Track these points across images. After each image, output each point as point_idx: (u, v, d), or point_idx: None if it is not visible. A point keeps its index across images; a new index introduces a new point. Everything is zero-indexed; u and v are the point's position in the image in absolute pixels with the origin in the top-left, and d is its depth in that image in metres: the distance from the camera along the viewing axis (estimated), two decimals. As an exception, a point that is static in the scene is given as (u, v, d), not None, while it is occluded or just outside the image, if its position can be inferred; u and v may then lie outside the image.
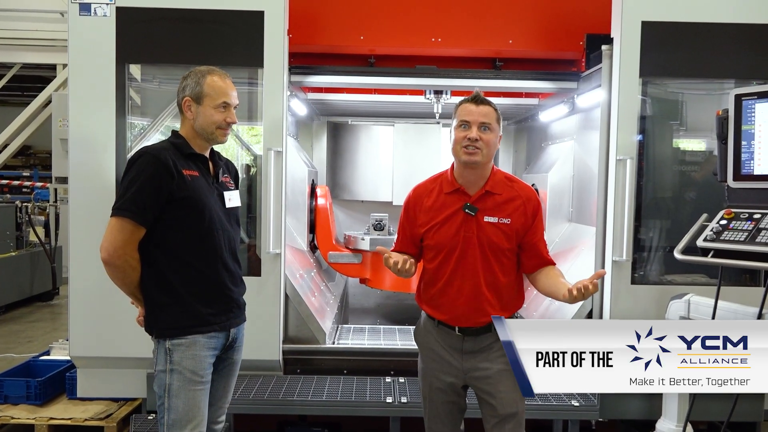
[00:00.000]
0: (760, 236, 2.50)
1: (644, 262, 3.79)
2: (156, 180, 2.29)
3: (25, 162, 13.99)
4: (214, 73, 2.44)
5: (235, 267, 2.53)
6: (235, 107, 2.48)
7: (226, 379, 2.59)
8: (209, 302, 2.42)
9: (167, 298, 2.37)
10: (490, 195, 2.46)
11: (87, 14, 3.62)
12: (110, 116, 3.65)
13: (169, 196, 2.31)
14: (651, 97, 3.74)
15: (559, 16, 4.29)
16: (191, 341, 2.36)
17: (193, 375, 2.35)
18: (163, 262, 2.37)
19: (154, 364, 2.41)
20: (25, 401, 3.98)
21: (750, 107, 2.68)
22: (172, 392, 2.34)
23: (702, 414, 3.62)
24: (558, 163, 4.92)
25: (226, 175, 2.60)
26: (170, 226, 2.35)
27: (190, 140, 2.45)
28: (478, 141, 2.38)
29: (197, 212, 2.37)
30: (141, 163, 2.32)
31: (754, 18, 3.61)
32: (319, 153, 6.10)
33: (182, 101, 2.44)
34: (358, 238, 4.78)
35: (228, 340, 2.51)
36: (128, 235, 2.30)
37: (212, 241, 2.41)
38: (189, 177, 2.37)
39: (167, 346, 2.36)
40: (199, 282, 2.40)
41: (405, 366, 3.90)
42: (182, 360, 2.35)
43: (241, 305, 2.58)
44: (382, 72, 4.34)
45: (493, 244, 2.42)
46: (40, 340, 6.33)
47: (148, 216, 2.30)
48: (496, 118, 2.44)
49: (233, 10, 3.62)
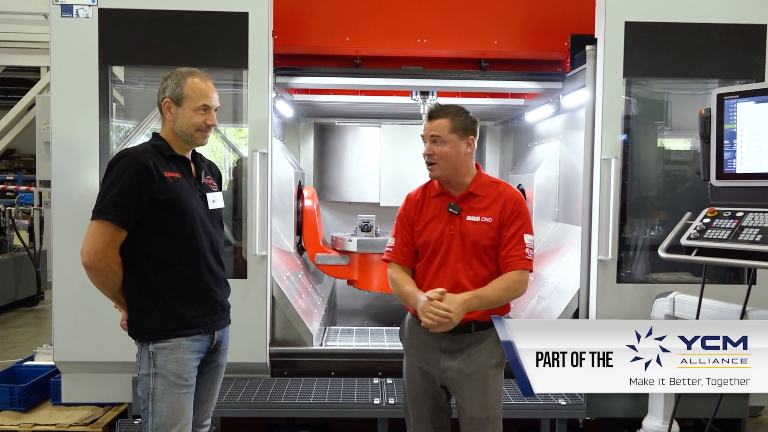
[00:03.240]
0: (743, 234, 2.52)
1: (630, 261, 3.81)
2: (136, 182, 2.27)
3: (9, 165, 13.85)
4: (195, 75, 2.41)
5: (218, 269, 2.50)
6: (216, 110, 2.46)
7: (212, 382, 2.56)
8: (193, 305, 2.39)
9: (150, 302, 2.34)
10: (473, 196, 2.51)
11: (69, 16, 3.59)
12: (93, 119, 3.62)
13: (150, 199, 2.29)
14: (635, 97, 3.77)
15: (544, 16, 4.32)
16: (175, 344, 2.34)
17: (177, 378, 2.33)
18: (145, 265, 2.34)
19: (138, 368, 2.38)
20: (9, 407, 3.94)
21: (732, 106, 2.70)
22: (156, 396, 2.31)
23: (688, 411, 3.64)
24: (544, 163, 4.93)
25: (209, 176, 2.58)
26: (152, 228, 2.32)
27: (171, 142, 2.42)
28: (432, 155, 2.46)
29: (179, 214, 2.34)
30: (121, 165, 2.30)
31: (737, 18, 3.65)
32: (305, 154, 6.09)
33: (162, 103, 2.41)
34: (346, 240, 4.77)
35: (212, 343, 2.48)
36: (109, 239, 2.27)
37: (195, 243, 2.39)
38: (170, 179, 2.34)
39: (150, 350, 2.33)
40: (182, 284, 2.37)
41: (392, 367, 3.89)
42: (166, 364, 2.32)
43: (225, 307, 2.55)
44: (368, 73, 4.34)
45: (475, 242, 2.45)
46: (24, 346, 6.26)
47: (129, 219, 2.28)
48: (450, 128, 2.44)
49: (217, 11, 3.60)
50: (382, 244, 4.61)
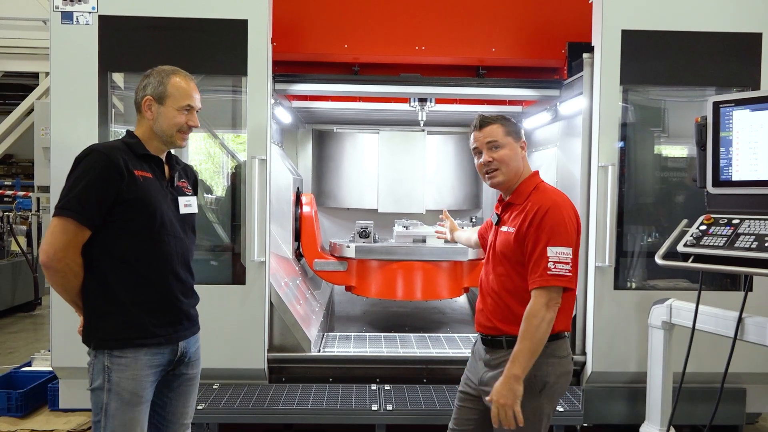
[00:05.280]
0: (739, 241, 2.54)
1: (627, 268, 3.83)
2: (104, 179, 2.14)
3: (7, 171, 13.85)
4: (179, 74, 2.34)
5: (187, 277, 2.37)
6: (198, 111, 2.38)
7: (186, 396, 2.43)
8: (155, 312, 2.26)
9: (109, 307, 2.20)
10: (511, 206, 2.48)
11: (69, 23, 3.60)
12: (93, 125, 3.63)
13: (117, 197, 2.16)
14: (632, 104, 3.79)
15: (542, 24, 4.35)
16: (132, 359, 2.20)
17: (133, 396, 2.19)
18: (108, 268, 2.20)
19: (90, 379, 2.22)
20: (6, 413, 3.94)
21: (728, 114, 2.72)
22: (110, 413, 2.17)
23: (685, 418, 3.65)
24: (541, 170, 4.88)
25: (183, 179, 2.46)
26: (117, 229, 2.19)
27: (146, 141, 2.32)
28: (492, 162, 2.42)
29: (147, 215, 2.22)
30: (89, 160, 2.17)
31: (733, 27, 3.68)
32: (304, 161, 6.10)
33: (142, 100, 2.31)
34: (344, 246, 4.77)
35: (177, 355, 2.33)
36: (71, 237, 2.13)
37: (162, 247, 2.26)
38: (141, 178, 2.22)
39: (106, 364, 2.19)
40: (146, 290, 2.24)
41: (390, 373, 3.90)
42: (121, 381, 2.18)
43: (191, 317, 2.40)
44: (367, 80, 4.36)
45: (503, 254, 2.41)
46: (21, 351, 6.25)
47: (93, 217, 2.14)
48: (504, 132, 2.42)
49: (216, 18, 3.62)
50: (380, 250, 4.64)
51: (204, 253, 3.92)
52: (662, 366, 3.34)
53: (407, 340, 4.34)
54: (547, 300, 2.23)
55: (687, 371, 2.96)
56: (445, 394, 3.67)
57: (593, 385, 3.77)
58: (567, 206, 2.37)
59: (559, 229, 2.28)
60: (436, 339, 4.38)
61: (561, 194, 2.44)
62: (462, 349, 4.13)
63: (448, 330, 4.90)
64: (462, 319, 5.32)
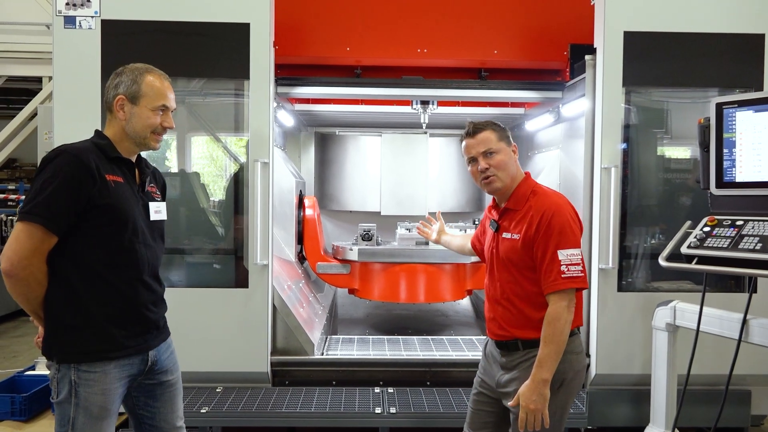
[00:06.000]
0: (743, 243, 2.53)
1: (630, 270, 3.82)
2: (74, 183, 2.02)
3: (11, 175, 13.86)
4: (153, 72, 2.25)
5: (156, 286, 2.28)
6: (173, 111, 2.29)
7: (171, 403, 2.37)
8: (124, 324, 2.16)
9: (76, 318, 2.08)
10: (509, 212, 2.48)
11: (72, 27, 3.61)
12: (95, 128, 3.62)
13: (88, 202, 2.04)
14: (635, 106, 3.79)
15: (544, 26, 4.35)
16: (101, 374, 2.10)
17: (101, 410, 2.10)
18: (75, 277, 2.08)
19: (56, 392, 2.11)
20: (10, 417, 3.94)
21: (731, 115, 2.71)
22: (77, 427, 2.08)
23: (689, 420, 3.64)
24: (544, 172, 4.95)
25: (152, 184, 2.37)
26: (86, 236, 2.07)
27: (117, 143, 2.21)
28: (489, 168, 2.42)
29: (119, 223, 2.11)
30: (59, 162, 2.04)
31: (735, 28, 3.67)
32: (306, 163, 6.11)
33: (114, 99, 2.20)
34: (347, 249, 4.77)
35: (147, 365, 2.25)
36: (37, 244, 2.01)
37: (133, 256, 2.16)
38: (112, 183, 2.11)
39: (73, 378, 2.08)
40: (116, 301, 2.14)
41: (394, 376, 3.90)
42: (89, 396, 2.08)
43: (160, 326, 2.32)
44: (369, 83, 4.36)
45: (510, 260, 2.41)
46: (25, 355, 6.25)
47: (61, 223, 2.02)
48: (497, 138, 2.43)
49: (219, 22, 3.62)
50: (383, 253, 4.63)
51: (207, 257, 3.92)
52: (667, 368, 3.33)
53: (410, 342, 4.34)
54: (567, 303, 2.29)
55: (692, 373, 2.94)
56: (449, 397, 3.66)
57: (597, 387, 3.76)
58: (568, 206, 2.40)
59: (566, 231, 2.31)
60: (439, 342, 4.37)
61: (559, 195, 2.47)
62: (465, 351, 4.12)
63: (451, 333, 4.90)
64: (465, 321, 5.31)
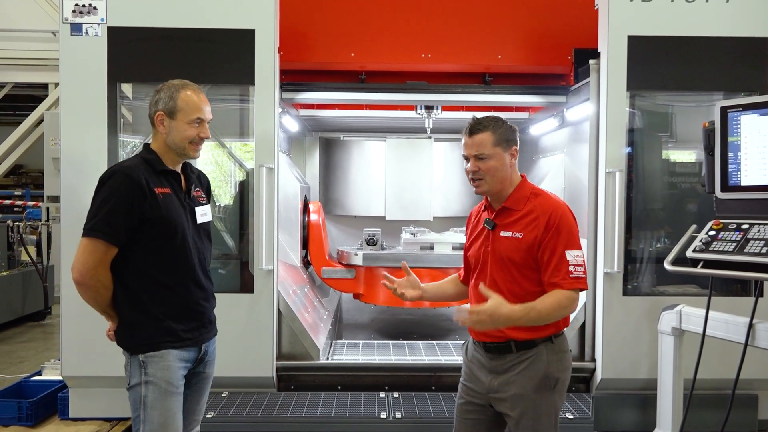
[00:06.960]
0: (749, 246, 2.52)
1: (636, 274, 3.81)
2: (129, 200, 2.27)
3: (17, 181, 13.93)
4: (188, 88, 2.41)
5: (207, 283, 2.50)
6: (209, 122, 2.46)
7: (199, 393, 2.56)
8: (182, 319, 2.40)
9: (140, 316, 2.35)
10: (508, 211, 2.44)
11: (78, 34, 3.64)
12: (102, 135, 3.66)
13: (141, 216, 2.29)
14: (639, 110, 3.79)
15: (548, 31, 4.35)
16: (166, 353, 2.35)
17: (168, 385, 2.33)
18: (135, 281, 2.34)
19: (128, 378, 2.37)
20: (17, 422, 3.94)
21: (736, 119, 2.71)
22: (148, 404, 2.31)
23: (696, 425, 3.61)
24: (549, 176, 4.95)
25: (198, 188, 2.57)
26: (142, 245, 2.32)
27: (163, 155, 2.42)
28: (477, 171, 2.42)
29: (169, 232, 2.35)
30: (113, 182, 2.29)
31: (740, 32, 3.68)
32: (311, 169, 6.12)
33: (155, 115, 2.40)
34: (352, 254, 4.78)
35: (200, 354, 2.49)
36: (100, 256, 2.27)
37: (185, 260, 2.39)
38: (161, 195, 2.34)
39: (141, 359, 2.34)
40: (172, 301, 2.38)
41: (399, 381, 3.90)
42: (157, 372, 2.33)
43: (212, 320, 2.56)
44: (373, 88, 4.38)
45: (509, 258, 2.38)
46: (31, 361, 6.26)
47: (120, 236, 2.28)
48: (493, 142, 2.38)
49: (224, 28, 3.65)
50: (387, 257, 4.63)
51: (212, 262, 3.92)
52: (673, 372, 3.31)
53: (415, 347, 4.34)
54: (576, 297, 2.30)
55: (698, 378, 2.93)
56: (454, 401, 3.64)
57: (603, 392, 3.75)
58: (568, 209, 2.42)
59: (573, 233, 2.34)
60: (444, 346, 4.37)
61: (558, 197, 2.48)
62: (471, 356, 4.11)
63: (456, 337, 4.89)
64: (470, 326, 5.30)
